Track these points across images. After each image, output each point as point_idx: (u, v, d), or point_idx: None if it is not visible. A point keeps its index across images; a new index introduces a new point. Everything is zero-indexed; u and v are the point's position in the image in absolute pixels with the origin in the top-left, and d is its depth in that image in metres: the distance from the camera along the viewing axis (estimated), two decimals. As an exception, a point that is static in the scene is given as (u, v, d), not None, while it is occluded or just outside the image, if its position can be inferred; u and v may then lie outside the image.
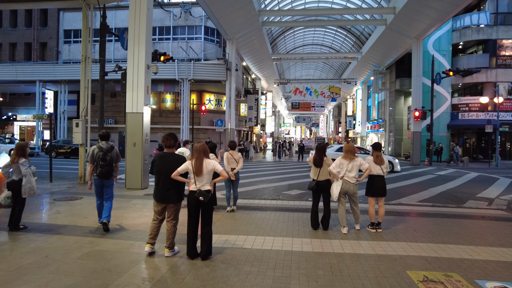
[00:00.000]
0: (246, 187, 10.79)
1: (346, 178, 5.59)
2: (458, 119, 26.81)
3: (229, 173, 6.99)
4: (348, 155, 5.61)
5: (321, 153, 5.84)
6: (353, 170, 5.59)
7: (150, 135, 28.81)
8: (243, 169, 17.18)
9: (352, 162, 5.59)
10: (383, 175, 5.81)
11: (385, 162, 5.83)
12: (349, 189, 5.59)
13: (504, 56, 26.34)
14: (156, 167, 4.45)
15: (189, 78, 23.56)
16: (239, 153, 7.22)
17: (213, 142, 7.71)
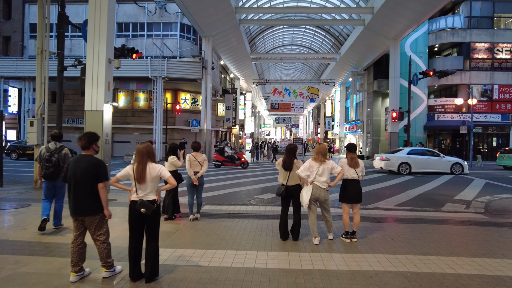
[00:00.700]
0: (216, 191, 10.11)
1: (317, 183, 5.03)
2: (434, 120, 27.09)
3: (192, 177, 6.32)
4: (318, 157, 5.06)
5: (291, 155, 5.26)
6: (324, 174, 5.03)
7: (122, 135, 27.56)
8: (217, 171, 16.53)
9: (323, 165, 5.04)
10: (358, 179, 5.29)
11: (361, 165, 5.31)
12: (320, 195, 5.03)
13: (477, 59, 26.81)
14: (68, 172, 3.71)
15: (162, 76, 22.63)
16: (203, 155, 6.55)
17: (176, 142, 7.00)
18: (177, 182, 6.74)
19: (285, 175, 5.23)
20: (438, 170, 16.84)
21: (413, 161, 16.73)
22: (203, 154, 6.61)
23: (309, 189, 4.98)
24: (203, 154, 6.55)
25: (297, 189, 5.19)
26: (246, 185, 11.53)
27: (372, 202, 8.72)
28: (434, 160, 17.04)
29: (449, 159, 17.58)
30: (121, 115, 27.01)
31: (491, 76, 26.54)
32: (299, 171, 4.99)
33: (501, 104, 26.56)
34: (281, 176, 5.32)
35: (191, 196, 6.51)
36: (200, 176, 6.39)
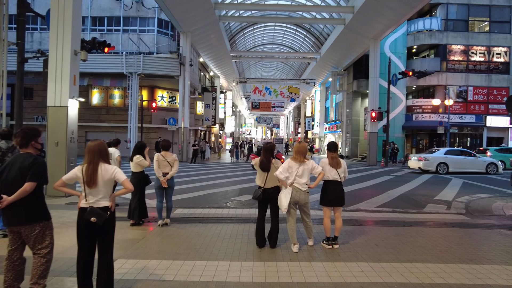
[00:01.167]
0: (191, 193, 9.56)
1: (296, 185, 4.62)
2: (412, 121, 27.43)
3: (161, 179, 5.77)
4: (298, 157, 4.65)
5: (269, 155, 4.82)
6: (304, 175, 4.63)
7: (96, 134, 26.28)
8: (194, 171, 15.91)
9: (302, 166, 4.63)
10: (340, 180, 4.91)
11: (343, 165, 4.93)
12: (300, 198, 4.62)
13: (453, 61, 27.34)
14: (1, 175, 3.11)
15: (138, 72, 21.74)
16: (173, 154, 6.01)
17: (142, 141, 6.43)
18: (144, 184, 6.24)
19: (262, 177, 4.79)
20: (474, 170, 16.99)
21: (451, 161, 16.90)
22: (173, 153, 6.06)
23: (288, 191, 4.57)
24: (173, 154, 6.00)
25: (276, 192, 4.76)
26: (223, 186, 11.03)
27: (353, 204, 8.42)
28: (470, 160, 17.16)
29: (485, 159, 17.69)
30: (95, 113, 25.93)
31: (466, 78, 27.13)
32: (277, 173, 4.56)
33: (475, 105, 27.19)
34: (259, 178, 4.87)
35: (160, 200, 5.96)
36: (170, 178, 5.85)
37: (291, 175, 4.60)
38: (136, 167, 6.05)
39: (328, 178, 4.85)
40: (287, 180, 4.60)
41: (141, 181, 6.08)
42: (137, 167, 6.05)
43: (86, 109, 25.89)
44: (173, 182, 6.00)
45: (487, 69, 27.28)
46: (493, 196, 10.21)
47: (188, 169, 16.98)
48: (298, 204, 4.67)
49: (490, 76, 27.17)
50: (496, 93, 27.15)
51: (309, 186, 4.67)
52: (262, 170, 4.77)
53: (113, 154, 7.39)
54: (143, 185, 6.16)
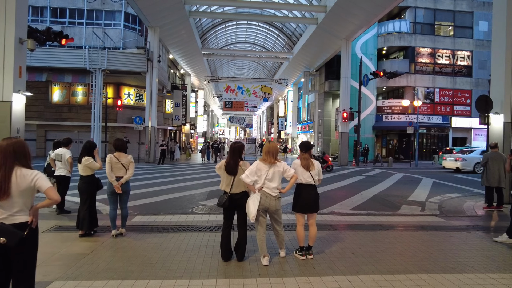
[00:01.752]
0: (154, 197, 8.81)
1: (266, 189, 4.10)
2: (382, 121, 27.84)
3: (114, 184, 5.07)
4: (267, 157, 4.14)
5: (236, 157, 4.27)
6: (274, 179, 4.13)
7: (57, 134, 24.60)
8: (160, 173, 15.05)
9: (273, 168, 4.13)
10: (314, 184, 4.45)
11: (316, 167, 4.46)
12: (270, 205, 4.10)
13: (421, 63, 28.06)
14: None
15: (102, 68, 20.48)
16: (129, 155, 5.32)
17: (92, 140, 5.66)
18: (95, 189, 5.49)
19: (228, 181, 4.23)
20: None
21: None
22: (129, 154, 5.37)
23: (256, 197, 4.04)
24: (129, 155, 5.31)
25: (243, 198, 4.22)
26: (191, 189, 10.34)
27: (327, 206, 8.05)
28: None
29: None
30: (56, 111, 24.29)
31: (433, 80, 27.91)
32: (243, 176, 4.02)
33: (441, 106, 28.04)
34: (224, 182, 4.30)
35: (113, 207, 5.24)
36: (124, 182, 5.16)
37: (260, 178, 4.08)
38: (85, 170, 5.31)
39: (301, 181, 4.37)
40: (255, 185, 4.08)
41: (91, 185, 5.35)
42: (86, 170, 5.31)
43: (46, 107, 24.26)
44: (128, 187, 5.31)
45: (452, 72, 28.21)
46: (462, 196, 10.22)
47: (154, 171, 16.10)
48: (268, 211, 4.15)
49: (454, 79, 28.11)
50: (460, 95, 28.14)
51: (281, 191, 4.17)
52: (228, 174, 4.21)
53: (63, 155, 6.58)
54: (94, 191, 5.43)
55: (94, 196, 5.46)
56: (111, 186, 5.13)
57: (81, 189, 5.33)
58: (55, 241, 4.95)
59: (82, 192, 5.32)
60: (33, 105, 24.05)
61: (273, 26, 32.55)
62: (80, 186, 5.35)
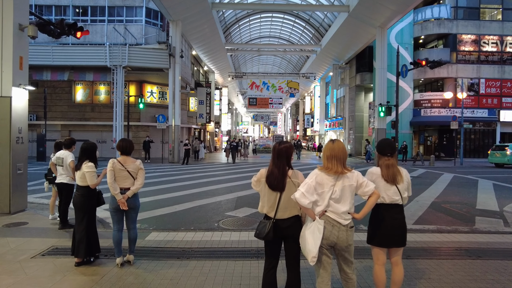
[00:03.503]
0: (174, 206, 7.60)
1: (332, 215, 2.71)
2: (420, 116, 25.64)
3: (117, 198, 3.87)
4: (333, 165, 2.72)
5: (283, 163, 2.88)
6: (344, 198, 2.71)
7: (80, 134, 24.10)
8: (183, 174, 13.83)
9: (341, 181, 2.72)
10: (401, 204, 3.02)
11: (405, 178, 3.03)
12: (339, 239, 2.69)
13: (464, 52, 25.58)
14: None
15: (123, 65, 19.72)
16: (137, 161, 4.08)
17: (90, 141, 4.47)
18: (95, 204, 4.29)
19: (272, 200, 2.84)
20: None
21: None
22: (137, 159, 4.14)
23: (317, 227, 2.66)
24: (137, 160, 4.09)
25: (295, 225, 2.85)
26: (216, 195, 9.09)
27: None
28: None
29: None
30: (79, 111, 23.95)
31: (477, 70, 25.39)
32: (298, 196, 2.63)
33: (487, 98, 25.46)
34: (265, 202, 2.88)
35: (117, 227, 4.04)
36: (132, 196, 3.95)
37: (322, 197, 2.70)
38: (82, 180, 4.15)
39: (382, 200, 2.97)
40: (315, 207, 2.71)
41: (90, 199, 4.18)
42: (83, 179, 4.14)
43: (70, 107, 23.96)
44: (136, 202, 4.08)
45: (500, 60, 25.56)
46: (543, 203, 8.39)
47: (177, 172, 15.06)
48: (336, 247, 2.75)
49: (503, 68, 25.44)
50: (510, 86, 25.44)
51: (354, 216, 2.77)
52: (271, 189, 2.85)
53: (64, 159, 5.48)
54: (94, 206, 4.25)
55: (94, 213, 4.29)
56: (114, 200, 3.93)
57: (78, 203, 4.15)
58: (44, 272, 3.81)
59: (79, 207, 4.14)
60: (57, 105, 23.85)
61: (299, 17, 30.92)
62: (76, 199, 4.18)
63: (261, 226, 2.84)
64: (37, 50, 20.18)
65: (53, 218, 6.13)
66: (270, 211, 2.84)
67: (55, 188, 5.92)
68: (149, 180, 11.72)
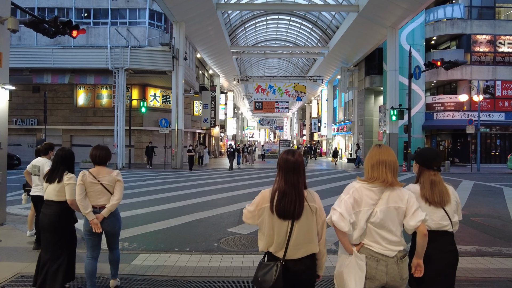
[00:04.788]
0: (169, 220, 6.74)
1: (376, 246, 2.01)
2: (433, 119, 24.60)
3: (90, 218, 3.10)
4: (381, 174, 2.05)
5: (296, 180, 2.06)
6: (392, 222, 2.02)
7: (82, 138, 23.97)
8: (184, 181, 12.94)
9: (387, 197, 2.02)
10: (451, 231, 2.32)
11: (452, 196, 2.35)
12: (391, 277, 1.97)
13: (479, 53, 24.55)
14: None
15: (125, 68, 19.11)
16: (114, 171, 3.30)
17: (67, 148, 3.68)
18: (72, 223, 3.51)
19: (281, 234, 2.02)
20: None
21: None
22: (115, 169, 3.39)
23: (357, 263, 1.96)
24: (114, 171, 3.32)
25: (312, 269, 2.07)
26: (217, 206, 8.24)
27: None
28: None
29: None
30: (81, 115, 23.45)
31: (493, 71, 24.33)
32: (335, 219, 1.98)
33: (504, 101, 24.36)
34: (269, 236, 2.06)
35: (90, 255, 3.27)
36: (107, 215, 3.16)
37: (360, 219, 1.98)
38: (61, 193, 3.37)
39: (429, 227, 2.23)
40: (355, 234, 2.00)
41: (67, 219, 3.40)
42: (60, 194, 3.36)
43: (72, 111, 23.47)
44: (115, 223, 3.30)
45: (516, 61, 24.46)
46: None
47: (179, 179, 14.29)
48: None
49: (520, 69, 24.34)
50: (528, 88, 24.31)
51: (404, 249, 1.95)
52: (282, 217, 2.02)
53: (41, 167, 4.71)
54: (72, 227, 3.47)
55: (74, 234, 3.49)
56: (88, 222, 3.15)
57: (50, 224, 3.31)
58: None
59: (52, 229, 3.31)
60: (59, 109, 23.36)
61: (306, 19, 30.19)
62: (47, 220, 3.34)
63: (263, 270, 2.00)
64: (37, 53, 19.73)
65: (30, 235, 5.38)
66: (278, 250, 2.01)
67: (30, 202, 5.17)
68: (147, 189, 10.96)
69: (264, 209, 2.06)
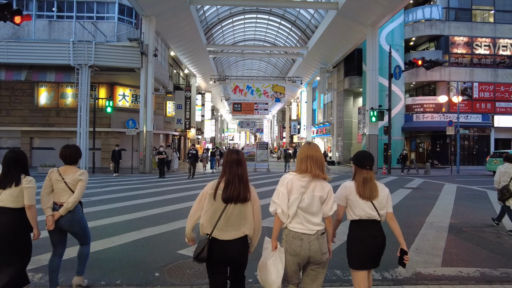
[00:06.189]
0: (110, 238, 5.55)
1: (300, 227, 2.38)
2: (412, 121, 24.29)
3: (47, 214, 3.17)
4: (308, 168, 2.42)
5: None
6: (315, 207, 2.40)
7: (44, 141, 22.48)
8: (141, 189, 11.48)
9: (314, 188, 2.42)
10: (379, 220, 2.61)
11: (381, 192, 2.62)
12: (312, 251, 2.35)
13: (456, 54, 24.50)
14: None
15: (89, 64, 17.64)
16: (79, 170, 3.32)
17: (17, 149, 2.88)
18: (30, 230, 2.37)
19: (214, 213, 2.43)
20: None
21: None
22: (80, 169, 3.36)
23: (279, 257, 2.35)
24: (79, 170, 3.34)
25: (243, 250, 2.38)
26: (176, 218, 7.00)
27: (391, 255, 4.72)
28: None
29: None
30: (42, 115, 21.67)
31: (470, 73, 24.31)
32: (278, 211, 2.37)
33: (481, 103, 24.37)
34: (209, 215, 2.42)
35: (53, 251, 3.31)
36: (65, 214, 3.19)
37: (291, 205, 2.36)
38: (19, 199, 2.98)
39: (358, 216, 2.58)
40: (282, 216, 2.39)
41: (25, 228, 3.04)
42: (18, 200, 2.98)
43: (32, 111, 21.64)
44: (73, 222, 3.28)
45: (492, 63, 24.57)
46: None
47: (142, 185, 13.02)
48: (310, 261, 2.38)
49: (496, 71, 24.46)
50: (504, 90, 24.44)
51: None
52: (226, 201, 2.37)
53: None
54: (29, 236, 3.09)
55: (30, 244, 3.09)
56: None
57: (6, 233, 2.87)
58: None
59: (9, 239, 2.87)
60: (17, 109, 21.49)
61: (284, 19, 29.46)
62: (4, 228, 2.88)
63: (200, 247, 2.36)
64: (-11, 47, 17.95)
65: None
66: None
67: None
68: (103, 197, 9.66)
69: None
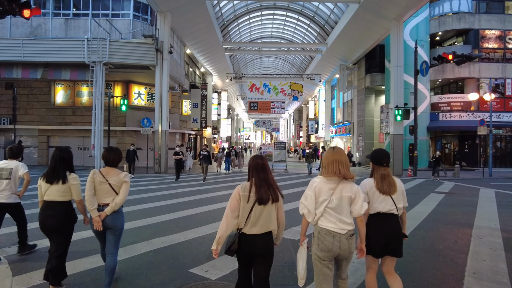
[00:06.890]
0: (133, 246, 4.97)
1: (330, 225, 2.60)
2: (438, 120, 22.98)
3: (93, 216, 3.15)
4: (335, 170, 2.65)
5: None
6: (344, 207, 2.63)
7: (61, 139, 21.95)
8: (154, 191, 10.79)
9: (342, 189, 2.65)
10: (397, 214, 2.83)
11: (399, 187, 2.84)
12: (342, 250, 2.58)
13: (487, 49, 23.01)
14: None
15: (103, 62, 17.31)
16: (122, 173, 3.33)
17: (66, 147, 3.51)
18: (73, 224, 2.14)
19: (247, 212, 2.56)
20: None
21: None
22: (123, 171, 3.39)
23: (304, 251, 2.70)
24: (122, 172, 3.33)
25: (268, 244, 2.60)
26: (189, 227, 6.36)
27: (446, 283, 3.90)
28: None
29: None
30: (59, 114, 21.60)
31: (503, 69, 22.79)
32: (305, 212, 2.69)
33: (514, 101, 22.82)
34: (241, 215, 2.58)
35: (102, 247, 3.48)
36: (110, 213, 3.19)
37: (319, 206, 2.62)
38: (66, 193, 3.32)
39: (378, 210, 2.81)
40: (309, 217, 2.67)
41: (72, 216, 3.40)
42: (67, 193, 3.33)
43: (49, 109, 21.60)
44: (117, 221, 3.25)
45: (527, 59, 22.94)
46: None
47: (155, 187, 12.50)
48: (338, 258, 2.63)
49: (531, 67, 22.82)
50: (540, 87, 22.78)
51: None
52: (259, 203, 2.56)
53: (14, 169, 4.31)
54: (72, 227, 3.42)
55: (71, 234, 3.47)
56: (91, 221, 3.18)
57: (58, 224, 3.27)
58: None
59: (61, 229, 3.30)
60: (34, 107, 21.50)
61: (303, 14, 28.53)
62: (56, 219, 3.27)
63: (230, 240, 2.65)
64: (5, 45, 17.88)
65: None
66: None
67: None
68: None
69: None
